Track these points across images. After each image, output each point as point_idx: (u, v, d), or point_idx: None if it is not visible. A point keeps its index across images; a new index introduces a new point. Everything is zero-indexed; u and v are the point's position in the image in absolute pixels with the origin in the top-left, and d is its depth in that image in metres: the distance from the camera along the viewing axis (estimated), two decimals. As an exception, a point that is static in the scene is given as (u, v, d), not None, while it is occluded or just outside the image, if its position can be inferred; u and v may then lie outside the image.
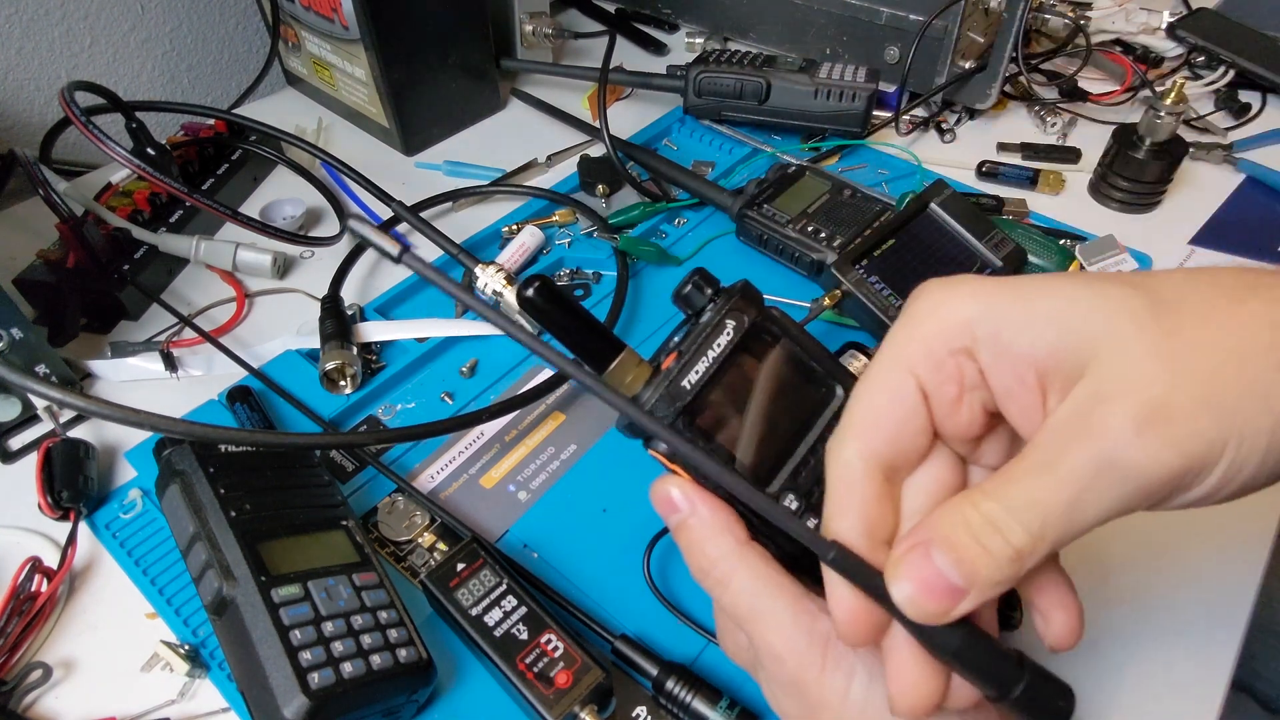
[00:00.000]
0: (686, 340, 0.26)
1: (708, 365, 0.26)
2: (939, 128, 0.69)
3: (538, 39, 0.74)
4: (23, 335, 0.42)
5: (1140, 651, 0.37)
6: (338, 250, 0.57)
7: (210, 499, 0.34)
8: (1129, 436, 0.20)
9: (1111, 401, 0.21)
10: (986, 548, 0.21)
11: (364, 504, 0.42)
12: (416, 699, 0.33)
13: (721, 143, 0.67)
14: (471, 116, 0.71)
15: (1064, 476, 0.21)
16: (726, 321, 0.26)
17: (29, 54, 0.66)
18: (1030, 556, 0.21)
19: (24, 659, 0.36)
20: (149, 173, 0.47)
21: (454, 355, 0.50)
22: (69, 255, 0.50)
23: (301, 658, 0.30)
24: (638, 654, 0.34)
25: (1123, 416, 0.20)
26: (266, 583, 0.32)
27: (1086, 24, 0.75)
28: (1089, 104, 0.71)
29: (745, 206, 0.55)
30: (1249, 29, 0.76)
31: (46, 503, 0.40)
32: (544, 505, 0.42)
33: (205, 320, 0.53)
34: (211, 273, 0.56)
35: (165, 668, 0.36)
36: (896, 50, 0.68)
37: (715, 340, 0.26)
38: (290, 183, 0.63)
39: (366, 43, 0.60)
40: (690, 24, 0.82)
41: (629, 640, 0.35)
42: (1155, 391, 0.21)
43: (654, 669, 0.33)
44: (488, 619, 0.34)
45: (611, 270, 0.55)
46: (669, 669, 0.33)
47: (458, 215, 0.61)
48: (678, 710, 0.33)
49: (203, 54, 0.78)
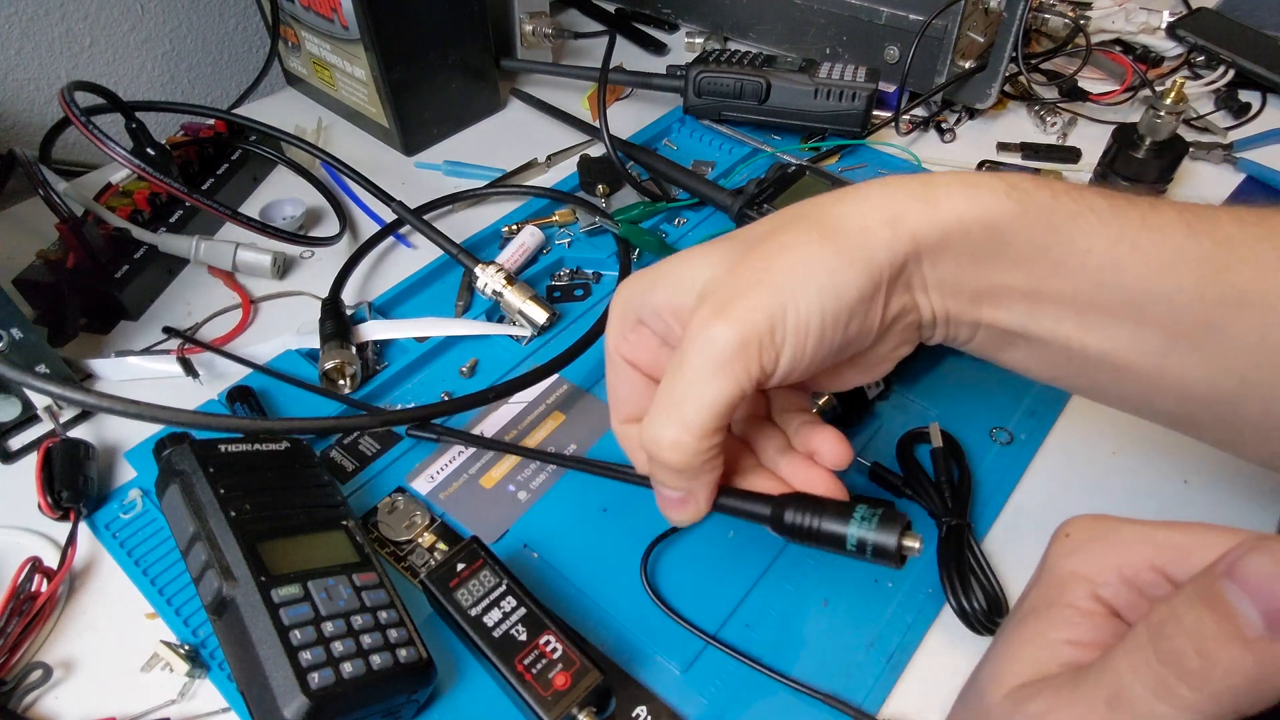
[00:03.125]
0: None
1: None
2: (939, 127, 0.69)
3: (538, 39, 0.74)
4: (23, 335, 0.42)
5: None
6: (338, 250, 0.57)
7: (210, 499, 0.34)
8: (706, 325, 0.28)
9: (699, 310, 0.28)
10: (662, 465, 0.30)
11: (364, 504, 0.42)
12: (416, 699, 0.33)
13: (721, 142, 0.67)
14: (471, 116, 0.71)
15: (679, 371, 0.28)
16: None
17: (29, 54, 0.66)
18: (687, 443, 0.28)
19: (24, 659, 0.36)
20: (149, 173, 0.47)
21: (454, 355, 0.50)
22: (69, 255, 0.50)
23: (301, 658, 0.30)
24: (738, 500, 0.33)
25: (702, 314, 0.28)
26: (266, 583, 0.32)
27: (1086, 24, 0.75)
28: (1089, 104, 0.71)
29: (745, 206, 0.55)
30: (1249, 29, 0.76)
31: (46, 503, 0.40)
32: (544, 505, 0.42)
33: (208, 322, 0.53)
34: (214, 276, 0.55)
35: (165, 668, 0.36)
36: (896, 50, 0.68)
37: None
38: (290, 183, 0.63)
39: (366, 43, 0.60)
40: (690, 24, 0.82)
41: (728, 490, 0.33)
42: (722, 293, 0.28)
43: (765, 509, 0.32)
44: (487, 619, 0.34)
45: (612, 270, 0.55)
46: (782, 503, 0.31)
47: (457, 215, 0.61)
48: (812, 541, 0.31)
49: (203, 54, 0.78)
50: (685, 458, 0.29)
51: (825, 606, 0.38)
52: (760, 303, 0.27)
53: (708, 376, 0.27)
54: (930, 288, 0.29)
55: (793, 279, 0.27)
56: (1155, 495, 0.42)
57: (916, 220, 0.28)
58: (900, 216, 0.28)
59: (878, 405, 0.45)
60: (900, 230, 0.28)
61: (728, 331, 0.27)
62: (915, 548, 0.29)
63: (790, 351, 0.28)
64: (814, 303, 0.27)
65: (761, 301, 0.27)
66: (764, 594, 0.38)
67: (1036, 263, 0.28)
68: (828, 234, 0.28)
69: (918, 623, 0.37)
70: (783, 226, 0.29)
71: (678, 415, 0.28)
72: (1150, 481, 0.43)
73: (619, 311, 0.33)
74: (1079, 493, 0.42)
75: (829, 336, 0.28)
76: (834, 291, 0.27)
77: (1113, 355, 0.29)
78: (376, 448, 0.44)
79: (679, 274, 0.31)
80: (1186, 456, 0.43)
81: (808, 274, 0.27)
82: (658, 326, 0.32)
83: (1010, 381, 0.47)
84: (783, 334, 0.27)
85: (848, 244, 0.28)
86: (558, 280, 0.55)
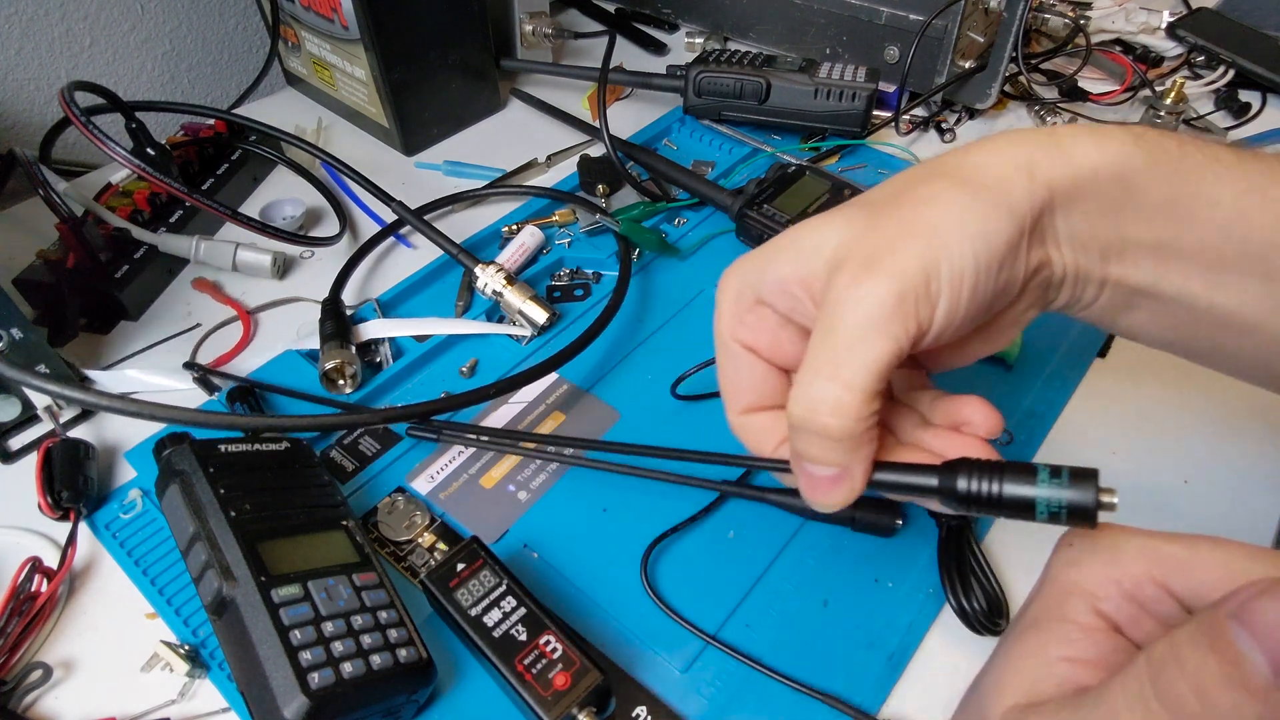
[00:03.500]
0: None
1: None
2: (939, 127, 0.69)
3: (537, 39, 0.74)
4: (23, 335, 0.42)
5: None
6: (338, 250, 0.57)
7: (210, 499, 0.34)
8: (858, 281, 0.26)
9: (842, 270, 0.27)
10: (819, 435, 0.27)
11: (364, 504, 0.42)
12: (416, 699, 0.33)
13: (721, 143, 0.67)
14: (471, 116, 0.71)
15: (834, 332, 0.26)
16: None
17: (29, 54, 0.66)
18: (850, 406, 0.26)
19: (24, 659, 0.36)
20: (149, 173, 0.47)
21: (454, 355, 0.50)
22: (69, 255, 0.50)
23: (301, 658, 0.30)
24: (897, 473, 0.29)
25: (850, 271, 0.27)
26: (266, 583, 0.32)
27: (1086, 23, 0.75)
28: (1089, 104, 0.71)
29: (745, 206, 0.55)
30: (1249, 29, 0.76)
31: (46, 503, 0.40)
32: (544, 505, 0.42)
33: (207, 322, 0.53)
34: (202, 291, 0.55)
35: (165, 668, 0.36)
36: (896, 50, 0.68)
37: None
38: (290, 183, 0.63)
39: (366, 43, 0.60)
40: (690, 24, 0.82)
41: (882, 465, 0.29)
42: (866, 250, 0.27)
43: (931, 479, 0.28)
44: (487, 619, 0.34)
45: (613, 270, 0.55)
46: (950, 470, 0.28)
47: (457, 215, 0.61)
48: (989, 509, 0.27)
49: (203, 54, 0.78)
50: (848, 422, 0.26)
51: (825, 606, 0.38)
52: (913, 254, 0.26)
53: (867, 334, 0.26)
54: (1062, 241, 0.29)
55: (943, 229, 0.26)
56: (1155, 495, 0.42)
57: (1050, 168, 0.27)
58: (1035, 164, 0.27)
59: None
60: (1037, 177, 0.27)
61: (884, 286, 0.26)
62: (1114, 502, 0.26)
63: (946, 305, 0.26)
64: (967, 252, 0.26)
65: (914, 253, 0.26)
66: (764, 594, 0.38)
67: (1165, 215, 0.27)
68: (967, 184, 0.27)
69: (918, 623, 0.37)
70: (914, 183, 0.28)
71: (838, 377, 0.26)
72: (1150, 481, 0.43)
73: (732, 293, 0.32)
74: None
75: (982, 288, 0.27)
76: (986, 240, 0.26)
77: (1240, 313, 0.28)
78: (376, 448, 0.44)
79: (801, 244, 0.29)
80: (1186, 456, 0.43)
81: (959, 223, 0.26)
82: (781, 303, 0.30)
83: (1010, 381, 0.47)
84: (938, 286, 0.26)
85: (990, 192, 0.27)
86: (558, 280, 0.55)
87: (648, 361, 0.49)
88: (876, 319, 0.26)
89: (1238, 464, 0.43)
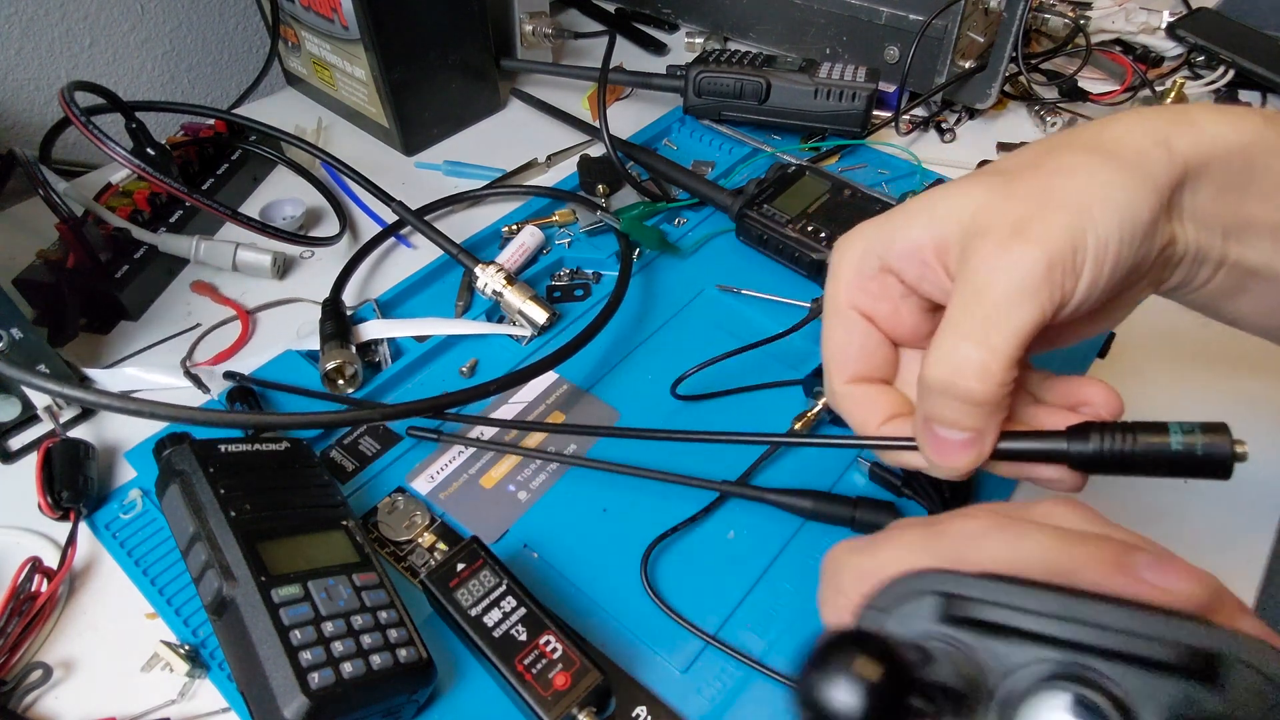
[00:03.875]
0: None
1: None
2: (939, 127, 0.69)
3: (538, 39, 0.74)
4: (23, 335, 0.42)
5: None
6: (338, 250, 0.57)
7: (210, 499, 0.34)
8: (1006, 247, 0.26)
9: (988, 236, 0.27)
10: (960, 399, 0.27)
11: (364, 504, 0.42)
12: (416, 699, 0.33)
13: (721, 143, 0.67)
14: (471, 116, 0.71)
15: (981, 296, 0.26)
16: None
17: (29, 54, 0.66)
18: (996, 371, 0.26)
19: (24, 659, 0.36)
20: (149, 173, 0.47)
21: (454, 355, 0.50)
22: (69, 255, 0.50)
23: (301, 658, 0.30)
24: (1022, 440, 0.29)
25: (997, 237, 0.26)
26: (266, 583, 0.32)
27: (1086, 23, 0.75)
28: (1089, 104, 0.71)
29: (745, 206, 0.55)
30: (1249, 29, 0.76)
31: (46, 503, 0.40)
32: (544, 505, 0.42)
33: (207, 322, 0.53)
34: (200, 294, 0.55)
35: (165, 668, 0.36)
36: (896, 50, 0.68)
37: None
38: (290, 183, 0.63)
39: (366, 43, 0.60)
40: (690, 24, 0.82)
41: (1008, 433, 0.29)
42: (1011, 217, 0.26)
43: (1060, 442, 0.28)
44: (487, 619, 0.34)
45: (613, 270, 0.55)
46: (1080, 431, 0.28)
47: (457, 215, 0.61)
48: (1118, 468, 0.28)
49: (203, 54, 0.78)
50: (992, 387, 0.26)
51: (825, 606, 0.38)
52: (1061, 223, 0.26)
53: (1016, 300, 0.26)
54: (1187, 218, 0.29)
55: (1089, 199, 0.26)
56: (1154, 495, 0.42)
57: (1183, 142, 0.27)
58: (1170, 138, 0.27)
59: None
60: (1174, 151, 0.27)
61: (1035, 253, 0.26)
62: (1246, 452, 0.27)
63: (1088, 277, 0.26)
64: (1113, 223, 0.26)
65: (1062, 222, 0.26)
66: (764, 594, 0.38)
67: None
68: (1110, 156, 0.27)
69: (918, 623, 0.37)
70: (1050, 153, 0.28)
71: (986, 342, 0.26)
72: (1150, 481, 0.42)
73: (855, 257, 0.31)
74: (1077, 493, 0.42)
75: (1122, 262, 0.27)
76: (1131, 212, 0.26)
77: None
78: (376, 448, 0.44)
79: (933, 210, 0.29)
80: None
81: (1104, 195, 0.26)
82: (910, 271, 0.30)
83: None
84: (1083, 258, 0.26)
85: (1132, 166, 0.27)
86: (558, 280, 0.55)
87: (648, 361, 0.49)
88: (1026, 285, 0.26)
89: (1237, 464, 0.43)
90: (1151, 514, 0.41)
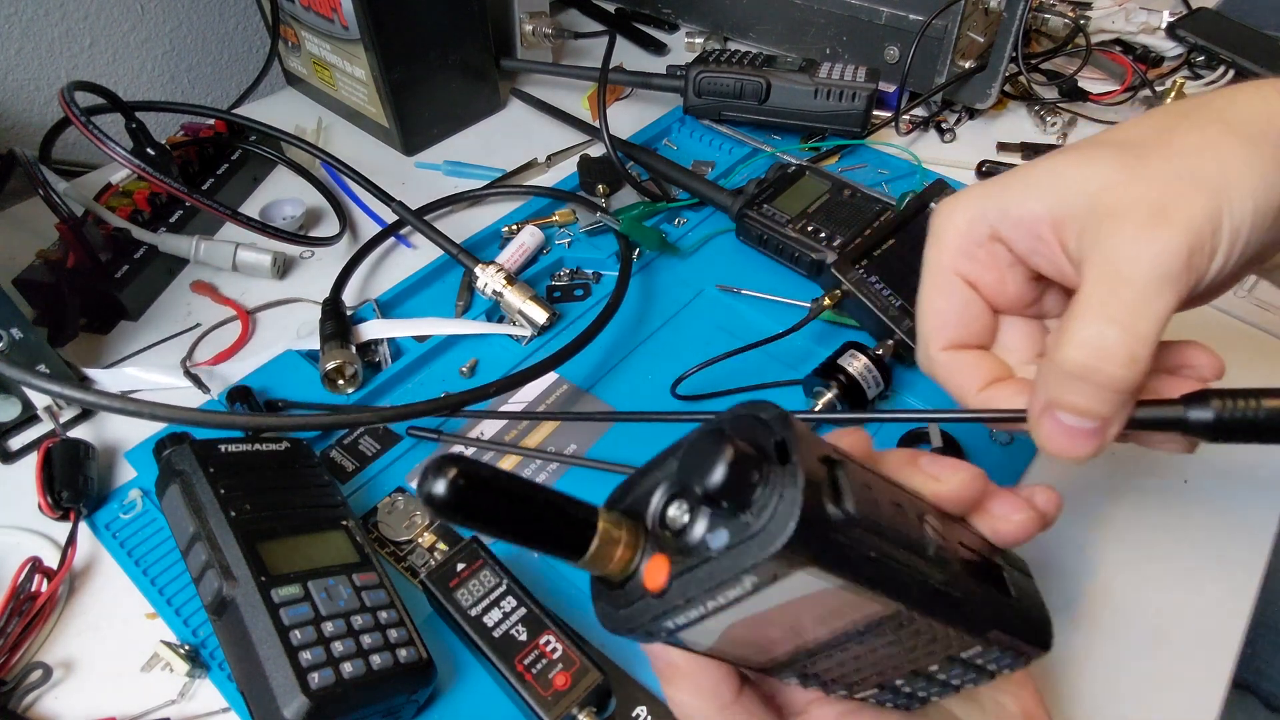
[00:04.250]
0: (688, 575, 0.20)
1: (707, 614, 0.20)
2: (939, 127, 0.69)
3: (537, 39, 0.74)
4: (23, 335, 0.42)
5: (1140, 649, 0.37)
6: (338, 250, 0.57)
7: (210, 499, 0.34)
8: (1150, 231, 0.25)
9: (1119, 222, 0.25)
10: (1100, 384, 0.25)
11: (364, 504, 0.42)
12: (416, 699, 0.33)
13: (721, 143, 0.67)
14: (471, 116, 0.71)
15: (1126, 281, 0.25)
16: (746, 579, 0.19)
17: (29, 54, 0.66)
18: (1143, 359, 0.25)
19: (24, 659, 0.36)
20: (149, 173, 0.47)
21: (454, 355, 0.50)
22: (69, 255, 0.50)
23: (301, 658, 0.30)
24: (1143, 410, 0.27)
25: (1137, 219, 0.25)
26: (266, 583, 0.32)
27: (1086, 23, 0.75)
28: (1089, 104, 0.71)
29: (745, 206, 0.55)
30: (1249, 29, 0.76)
31: (46, 503, 0.40)
32: (544, 505, 0.42)
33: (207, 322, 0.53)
34: (200, 294, 0.55)
35: (165, 668, 0.36)
36: (896, 50, 0.68)
37: (725, 593, 0.20)
38: (290, 183, 0.63)
39: (366, 43, 0.60)
40: (690, 24, 0.82)
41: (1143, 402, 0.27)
42: (1148, 197, 0.25)
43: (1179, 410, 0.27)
44: (487, 619, 0.34)
45: (612, 270, 0.55)
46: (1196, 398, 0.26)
47: (457, 215, 0.61)
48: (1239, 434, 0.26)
49: (203, 54, 0.78)
50: (1136, 374, 0.25)
51: (825, 606, 0.37)
52: (1200, 207, 0.25)
53: (1160, 285, 0.25)
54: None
55: (1224, 179, 0.25)
56: (1155, 494, 0.42)
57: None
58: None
59: (878, 405, 0.45)
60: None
61: (1180, 238, 0.25)
62: None
63: (1220, 260, 0.26)
64: (1248, 205, 0.25)
65: (1200, 205, 0.25)
66: (764, 594, 0.38)
67: None
68: (1239, 133, 0.26)
69: (918, 623, 0.37)
70: (1178, 127, 0.27)
71: (1134, 329, 0.25)
72: (1150, 481, 0.43)
73: (965, 222, 0.30)
74: (1078, 492, 0.42)
75: (1253, 243, 0.26)
76: (1265, 193, 0.26)
77: None
78: (376, 448, 0.44)
79: (1055, 180, 0.28)
80: (1186, 456, 0.43)
81: (1239, 175, 0.25)
82: (1022, 243, 0.29)
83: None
84: (1218, 240, 0.25)
85: (1264, 144, 0.26)
86: (558, 280, 0.55)
87: (648, 362, 0.49)
88: (1171, 271, 0.25)
89: (1237, 463, 0.43)
90: (1152, 513, 0.41)
